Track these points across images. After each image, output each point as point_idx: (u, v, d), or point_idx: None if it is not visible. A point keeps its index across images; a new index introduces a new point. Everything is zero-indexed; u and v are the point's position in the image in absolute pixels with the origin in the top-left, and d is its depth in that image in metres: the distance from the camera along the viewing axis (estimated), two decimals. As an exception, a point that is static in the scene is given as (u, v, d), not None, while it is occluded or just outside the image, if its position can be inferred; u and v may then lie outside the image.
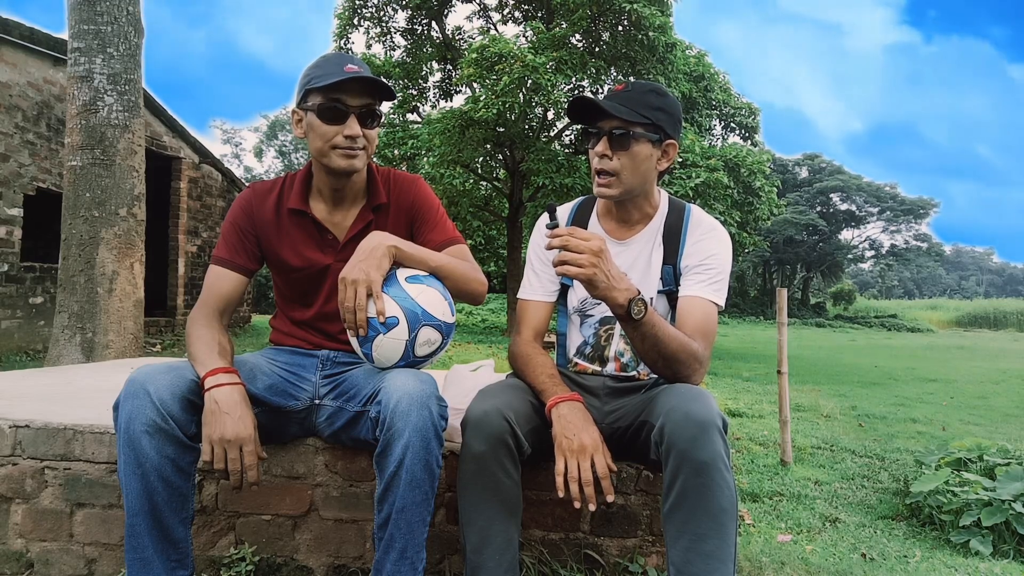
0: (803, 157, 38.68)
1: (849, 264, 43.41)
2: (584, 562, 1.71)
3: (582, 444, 1.40)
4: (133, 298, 4.73)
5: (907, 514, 3.11)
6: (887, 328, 28.88)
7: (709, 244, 1.60)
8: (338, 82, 1.44)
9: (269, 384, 1.54)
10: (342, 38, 15.03)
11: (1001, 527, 2.65)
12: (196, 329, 1.51)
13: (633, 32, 12.28)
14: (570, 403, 1.46)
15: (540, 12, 14.39)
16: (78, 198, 4.57)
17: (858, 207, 36.48)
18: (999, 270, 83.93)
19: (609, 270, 1.36)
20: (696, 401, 1.33)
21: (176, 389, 1.35)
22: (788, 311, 4.50)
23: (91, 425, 1.74)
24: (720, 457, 1.28)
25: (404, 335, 1.41)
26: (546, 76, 11.16)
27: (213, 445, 1.33)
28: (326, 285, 1.62)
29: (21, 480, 1.74)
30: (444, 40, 15.61)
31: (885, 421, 5.92)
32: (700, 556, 1.27)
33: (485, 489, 1.39)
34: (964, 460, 3.20)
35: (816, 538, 2.78)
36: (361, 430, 1.52)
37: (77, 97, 4.57)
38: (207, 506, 1.73)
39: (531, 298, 1.71)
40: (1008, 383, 9.58)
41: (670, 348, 1.44)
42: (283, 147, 40.09)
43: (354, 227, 1.61)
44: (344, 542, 1.72)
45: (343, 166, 1.51)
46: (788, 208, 31.14)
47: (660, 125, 1.53)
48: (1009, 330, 31.60)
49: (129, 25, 4.69)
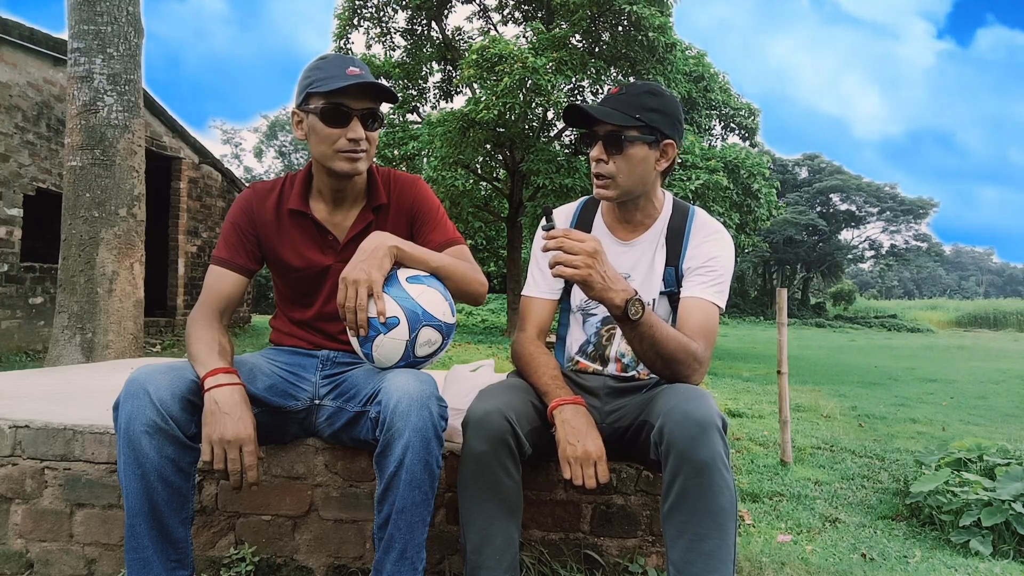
0: (803, 157, 38.69)
1: (849, 264, 43.42)
2: (584, 562, 1.71)
3: (586, 451, 1.40)
4: (133, 298, 4.74)
5: (907, 514, 3.10)
6: (887, 328, 28.88)
7: (712, 247, 1.60)
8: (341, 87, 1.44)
9: (269, 384, 1.54)
10: (342, 38, 15.03)
11: (1001, 527, 2.65)
12: (196, 329, 1.51)
13: (633, 32, 12.28)
14: (573, 407, 1.46)
15: (540, 12, 14.40)
16: (78, 198, 4.57)
17: (858, 207, 36.49)
18: (999, 270, 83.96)
19: (605, 271, 1.36)
20: (696, 401, 1.33)
21: (176, 389, 1.35)
22: (788, 311, 4.50)
23: (91, 425, 1.74)
24: (720, 457, 1.28)
25: (404, 335, 1.41)
26: (546, 77, 11.17)
27: (213, 445, 1.33)
28: (326, 285, 1.62)
29: (21, 480, 1.74)
30: (444, 40, 15.61)
31: (885, 421, 5.92)
32: (700, 556, 1.27)
33: (486, 489, 1.39)
34: (964, 460, 3.19)
35: (816, 538, 2.78)
36: (361, 430, 1.52)
37: (77, 97, 4.57)
38: (207, 506, 1.73)
39: (535, 295, 1.71)
40: (1008, 383, 9.57)
41: (668, 348, 1.44)
42: (283, 147, 40.12)
43: (354, 228, 1.61)
44: (344, 542, 1.72)
45: (346, 169, 1.52)
46: (788, 208, 31.19)
47: (655, 126, 1.53)
48: (1009, 330, 31.59)
49: (129, 25, 4.69)
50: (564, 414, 1.45)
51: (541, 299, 1.70)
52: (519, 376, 1.65)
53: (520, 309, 1.76)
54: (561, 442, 1.42)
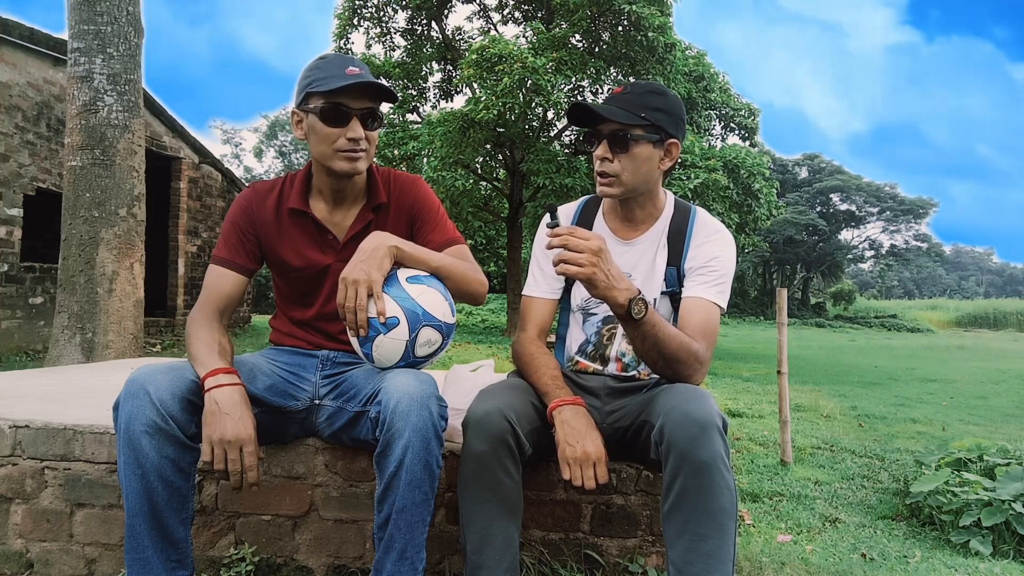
0: (803, 157, 38.71)
1: (849, 264, 43.42)
2: (584, 562, 1.71)
3: (585, 452, 1.40)
4: (133, 298, 4.74)
5: (907, 514, 3.10)
6: (887, 328, 28.87)
7: (714, 247, 1.60)
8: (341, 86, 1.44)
9: (269, 384, 1.54)
10: (342, 38, 15.03)
11: (1001, 527, 2.65)
12: (196, 329, 1.51)
13: (633, 32, 12.28)
14: (573, 407, 1.46)
15: (540, 12, 14.40)
16: (78, 198, 4.57)
17: (858, 207, 36.49)
18: (999, 270, 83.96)
19: (609, 270, 1.36)
20: (696, 401, 1.33)
21: (176, 389, 1.35)
22: (788, 311, 4.50)
23: (91, 425, 1.74)
24: (720, 457, 1.28)
25: (404, 335, 1.41)
26: (546, 77, 11.17)
27: (213, 446, 1.33)
28: (326, 285, 1.62)
29: (21, 480, 1.74)
30: (444, 40, 15.61)
31: (885, 421, 5.92)
32: (700, 556, 1.27)
33: (486, 489, 1.39)
34: (964, 460, 3.19)
35: (816, 538, 2.78)
36: (361, 430, 1.52)
37: (77, 97, 4.57)
38: (207, 506, 1.73)
39: (535, 295, 1.71)
40: (1008, 383, 9.57)
41: (670, 348, 1.44)
42: (283, 147, 40.11)
43: (354, 227, 1.61)
44: (344, 542, 1.72)
45: (346, 169, 1.52)
46: (788, 208, 31.19)
47: (660, 125, 1.53)
48: (1009, 330, 31.59)
49: (129, 25, 4.69)
50: (564, 415, 1.45)
51: (541, 299, 1.70)
52: (519, 376, 1.65)
53: (520, 309, 1.76)
54: (561, 443, 1.42)
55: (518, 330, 1.71)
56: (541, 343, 1.66)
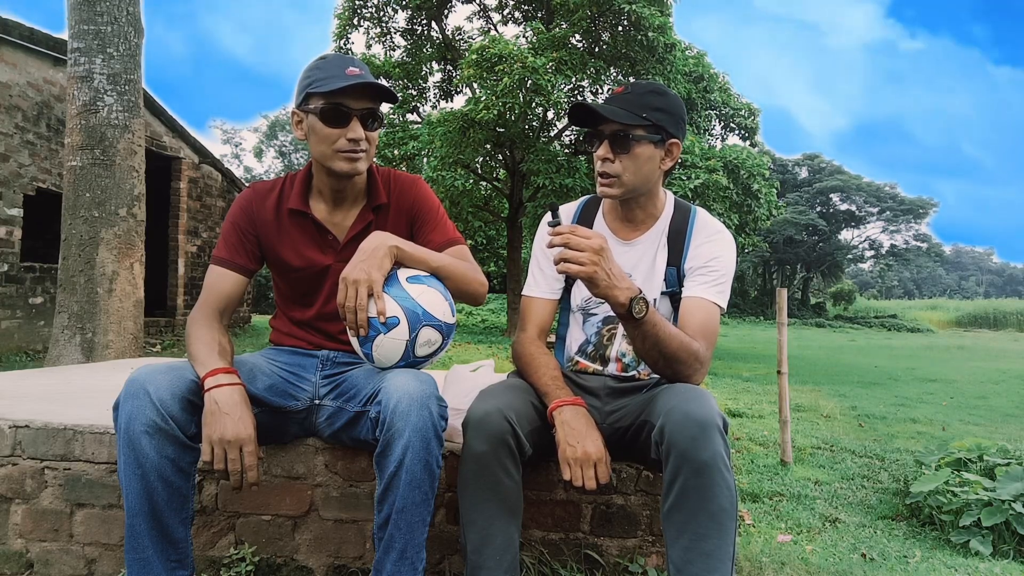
0: (803, 157, 38.71)
1: (849, 264, 43.42)
2: (584, 562, 1.71)
3: (586, 452, 1.40)
4: (133, 298, 4.74)
5: (907, 514, 3.10)
6: (887, 328, 28.87)
7: (714, 247, 1.60)
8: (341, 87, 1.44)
9: (269, 384, 1.54)
10: (342, 38, 15.03)
11: (1001, 527, 2.65)
12: (196, 329, 1.51)
13: (633, 32, 12.28)
14: (573, 408, 1.46)
15: (540, 12, 14.39)
16: (78, 198, 4.57)
17: (858, 207, 36.49)
18: (999, 270, 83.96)
19: (610, 269, 1.36)
20: (696, 401, 1.33)
21: (176, 389, 1.35)
22: (788, 311, 4.50)
23: (91, 425, 1.74)
24: (720, 457, 1.28)
25: (405, 335, 1.41)
26: (546, 77, 11.17)
27: (213, 446, 1.33)
28: (326, 285, 1.62)
29: (21, 480, 1.74)
30: (444, 40, 15.61)
31: (885, 421, 5.92)
32: (700, 556, 1.27)
33: (486, 489, 1.39)
34: (964, 460, 3.19)
35: (816, 538, 2.78)
36: (361, 430, 1.52)
37: (77, 97, 4.57)
38: (207, 506, 1.73)
39: (535, 295, 1.71)
40: (1008, 383, 9.57)
41: (671, 348, 1.44)
42: (283, 147, 40.10)
43: (354, 227, 1.61)
44: (344, 542, 1.72)
45: (346, 169, 1.52)
46: (788, 208, 31.18)
47: (661, 125, 1.53)
48: (1009, 330, 31.59)
49: (129, 25, 4.69)
50: (564, 415, 1.45)
51: (542, 299, 1.70)
52: (519, 376, 1.65)
53: (520, 309, 1.76)
54: (561, 443, 1.42)
55: (518, 330, 1.71)
56: (541, 343, 1.66)
